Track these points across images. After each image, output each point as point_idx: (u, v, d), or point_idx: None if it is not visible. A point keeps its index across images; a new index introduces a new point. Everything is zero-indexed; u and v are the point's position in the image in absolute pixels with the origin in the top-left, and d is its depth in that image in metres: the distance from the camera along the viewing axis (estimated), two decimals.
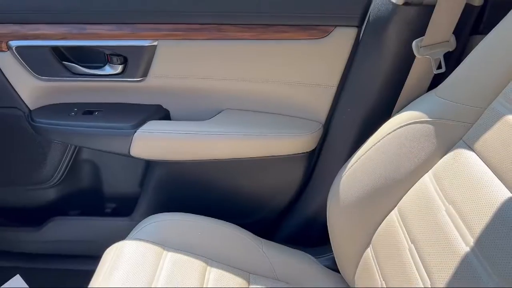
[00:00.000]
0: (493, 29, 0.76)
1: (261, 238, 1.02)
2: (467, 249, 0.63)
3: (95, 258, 0.93)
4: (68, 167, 1.16)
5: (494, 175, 0.66)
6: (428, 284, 0.67)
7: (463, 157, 0.74)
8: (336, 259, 0.98)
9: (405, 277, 0.73)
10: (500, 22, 0.75)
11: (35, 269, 1.25)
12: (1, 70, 1.01)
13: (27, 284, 1.24)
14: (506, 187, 0.63)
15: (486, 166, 0.69)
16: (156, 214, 1.00)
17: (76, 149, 1.15)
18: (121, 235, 0.95)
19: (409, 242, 0.77)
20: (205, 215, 1.01)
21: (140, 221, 0.99)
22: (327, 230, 0.95)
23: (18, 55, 1.00)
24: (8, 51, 1.00)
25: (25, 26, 0.98)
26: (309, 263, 1.03)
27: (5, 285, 1.26)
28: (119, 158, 1.13)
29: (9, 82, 1.03)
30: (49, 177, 1.16)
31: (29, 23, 0.99)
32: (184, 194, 1.12)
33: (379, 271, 0.83)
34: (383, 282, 0.81)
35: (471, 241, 0.63)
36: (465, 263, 0.63)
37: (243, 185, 1.12)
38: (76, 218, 1.21)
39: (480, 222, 0.63)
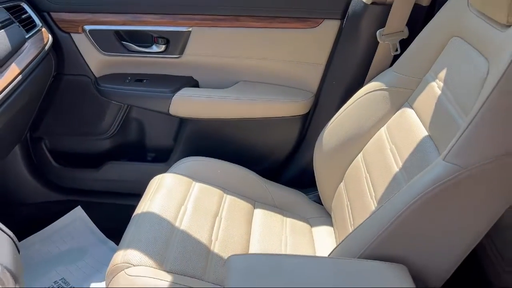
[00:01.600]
0: (430, 21, 1.07)
1: (265, 179, 1.35)
2: (397, 169, 0.96)
3: (138, 195, 1.25)
4: (120, 123, 1.53)
5: (420, 122, 0.99)
6: (374, 198, 0.99)
7: (406, 113, 1.07)
8: (320, 195, 1.31)
9: (362, 196, 1.06)
10: (435, 16, 1.06)
11: (92, 203, 1.62)
12: (77, 47, 1.38)
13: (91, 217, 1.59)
14: (425, 129, 0.95)
15: (417, 118, 1.01)
16: (187, 157, 1.34)
17: (128, 109, 1.51)
18: None
19: (366, 173, 1.10)
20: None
21: None
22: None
23: (90, 36, 1.36)
24: (83, 33, 1.36)
25: (96, 15, 1.34)
26: (300, 197, 1.36)
27: (68, 214, 1.62)
28: (159, 116, 1.48)
29: (82, 56, 1.40)
30: (106, 130, 1.53)
31: (99, 13, 1.34)
32: (207, 145, 1.46)
33: (346, 197, 1.16)
34: (348, 203, 1.14)
35: (400, 164, 0.96)
36: (395, 179, 0.96)
37: (252, 139, 1.46)
38: (125, 163, 1.58)
39: (408, 151, 0.96)
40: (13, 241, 0.81)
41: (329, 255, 0.91)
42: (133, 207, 1.21)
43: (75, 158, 1.59)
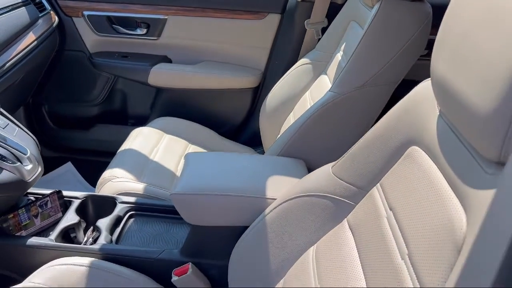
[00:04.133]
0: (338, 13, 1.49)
1: (223, 137, 1.73)
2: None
3: None
4: (108, 92, 1.89)
5: (329, 81, 1.39)
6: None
7: (322, 79, 1.47)
8: (264, 148, 1.69)
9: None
10: (341, 9, 1.49)
11: (80, 160, 1.96)
12: (76, 28, 1.75)
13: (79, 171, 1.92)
14: (330, 82, 1.35)
15: (327, 79, 1.41)
16: (161, 117, 1.72)
17: (114, 80, 1.87)
18: None
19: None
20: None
21: None
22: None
23: (88, 20, 1.74)
24: (82, 17, 1.74)
25: (93, 3, 1.73)
26: (248, 150, 1.74)
27: (60, 168, 1.95)
28: (140, 88, 1.85)
29: (80, 35, 1.77)
30: (96, 97, 1.89)
31: (95, 2, 1.72)
32: (179, 111, 1.83)
33: None
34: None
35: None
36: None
37: (214, 106, 1.85)
38: (111, 126, 1.94)
39: (317, 98, 1.35)
40: (35, 142, 1.17)
41: None
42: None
43: (69, 121, 1.94)
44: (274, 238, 0.87)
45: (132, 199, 1.23)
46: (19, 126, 1.18)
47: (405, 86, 1.20)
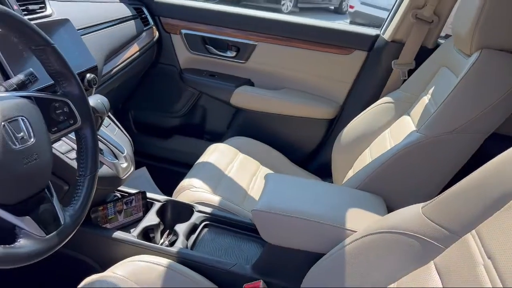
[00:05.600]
0: (429, 57, 1.50)
1: (293, 163, 1.77)
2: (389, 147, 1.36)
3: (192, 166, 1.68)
4: (190, 107, 2.00)
5: (412, 123, 1.38)
6: None
7: (405, 119, 1.47)
8: (333, 180, 1.70)
9: None
10: (432, 54, 1.49)
11: (155, 166, 2.06)
12: (173, 44, 1.89)
13: (152, 176, 2.02)
14: (414, 125, 1.35)
15: (411, 121, 1.42)
16: (237, 136, 1.79)
17: (198, 96, 1.98)
18: None
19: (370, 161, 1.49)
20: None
21: None
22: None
23: (184, 38, 1.87)
24: (179, 35, 1.87)
25: (191, 23, 1.85)
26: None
27: (134, 172, 2.05)
28: (220, 106, 1.95)
29: (175, 51, 1.90)
30: (179, 110, 2.01)
31: (193, 22, 1.85)
32: (254, 131, 1.89)
33: None
34: None
35: (393, 144, 1.36)
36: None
37: (288, 132, 1.90)
38: (188, 138, 2.04)
39: (400, 138, 1.36)
40: (131, 143, 1.26)
41: None
42: (184, 174, 1.62)
43: (151, 129, 2.06)
44: (352, 270, 0.88)
45: (207, 209, 1.28)
46: (118, 127, 1.28)
47: (497, 140, 1.19)
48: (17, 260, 0.63)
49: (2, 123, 0.65)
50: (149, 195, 1.29)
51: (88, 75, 1.14)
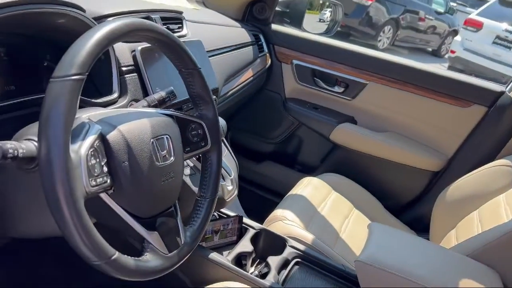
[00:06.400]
0: None
1: (387, 211, 1.69)
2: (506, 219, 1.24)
3: (279, 194, 1.65)
4: (287, 135, 2.00)
5: None
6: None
7: None
8: (430, 237, 1.59)
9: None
10: None
11: (243, 188, 2.07)
12: (282, 73, 1.91)
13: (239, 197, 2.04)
14: None
15: None
16: (331, 173, 1.75)
17: (297, 126, 1.98)
18: None
19: (479, 225, 1.38)
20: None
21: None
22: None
23: (294, 68, 1.89)
24: (290, 65, 1.90)
25: (304, 55, 1.87)
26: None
27: None
28: (317, 139, 1.93)
29: (283, 80, 1.92)
30: (276, 137, 2.02)
31: (307, 54, 1.86)
32: (349, 171, 1.84)
33: (456, 241, 1.43)
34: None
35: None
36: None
37: (386, 177, 1.82)
38: (279, 166, 2.04)
39: None
40: (237, 166, 1.28)
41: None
42: (272, 203, 1.61)
43: (245, 151, 2.09)
44: None
45: (300, 246, 1.25)
46: (228, 149, 1.31)
47: None
48: (144, 274, 0.64)
49: (151, 140, 0.68)
50: (244, 220, 1.29)
51: None
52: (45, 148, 0.53)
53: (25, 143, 0.61)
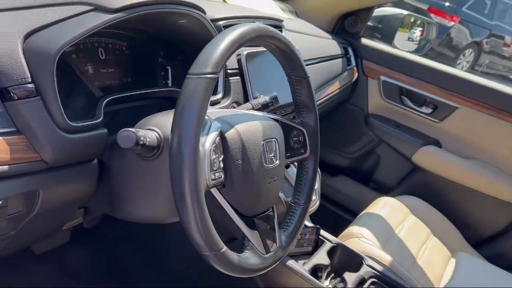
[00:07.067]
0: None
1: (467, 242, 1.60)
2: None
3: (351, 212, 1.59)
4: (365, 151, 1.97)
5: None
6: None
7: None
8: None
9: None
10: None
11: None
12: (367, 88, 1.88)
13: None
14: None
15: None
16: (409, 195, 1.69)
17: (377, 143, 1.93)
18: None
19: None
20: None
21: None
22: None
23: (381, 84, 1.85)
24: (377, 80, 1.86)
25: (393, 72, 1.82)
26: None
27: None
28: (397, 159, 1.87)
29: (367, 95, 1.89)
30: (353, 152, 1.99)
31: (395, 71, 1.82)
32: (428, 195, 1.77)
33: None
34: None
35: None
36: None
37: (469, 208, 1.72)
38: (352, 181, 2.00)
39: None
40: (320, 176, 1.27)
41: None
42: (342, 219, 1.59)
43: (320, 163, 2.06)
44: None
45: (377, 266, 1.22)
46: None
47: None
48: (243, 271, 0.66)
49: (262, 142, 0.70)
50: (321, 232, 1.29)
51: None
52: (177, 139, 0.56)
53: (149, 133, 0.65)
